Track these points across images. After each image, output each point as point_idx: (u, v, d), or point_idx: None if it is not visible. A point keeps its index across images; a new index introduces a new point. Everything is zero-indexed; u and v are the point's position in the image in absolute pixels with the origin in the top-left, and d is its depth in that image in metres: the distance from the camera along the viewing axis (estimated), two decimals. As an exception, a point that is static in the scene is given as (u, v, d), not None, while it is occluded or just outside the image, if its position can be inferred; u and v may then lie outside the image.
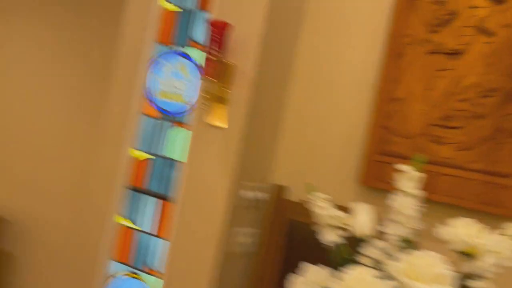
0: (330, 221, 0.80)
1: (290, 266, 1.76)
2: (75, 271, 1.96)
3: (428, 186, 1.53)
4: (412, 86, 1.63)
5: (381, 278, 0.65)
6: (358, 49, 1.79)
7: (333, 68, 1.84)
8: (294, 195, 1.87)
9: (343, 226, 0.80)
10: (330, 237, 0.77)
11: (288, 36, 1.84)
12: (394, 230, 0.75)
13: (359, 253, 0.72)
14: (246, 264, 1.85)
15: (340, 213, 0.82)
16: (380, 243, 0.74)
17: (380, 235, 0.77)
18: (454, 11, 1.56)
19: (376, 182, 1.67)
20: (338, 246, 0.78)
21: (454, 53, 1.55)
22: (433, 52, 1.59)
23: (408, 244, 0.76)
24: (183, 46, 1.87)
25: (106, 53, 2.61)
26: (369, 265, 0.70)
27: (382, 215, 1.45)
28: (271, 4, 1.66)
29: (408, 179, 0.77)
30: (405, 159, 1.59)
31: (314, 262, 1.73)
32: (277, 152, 1.92)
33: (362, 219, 0.76)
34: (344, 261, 0.75)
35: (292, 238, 1.79)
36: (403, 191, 0.76)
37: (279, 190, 1.86)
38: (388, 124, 1.65)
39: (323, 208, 0.81)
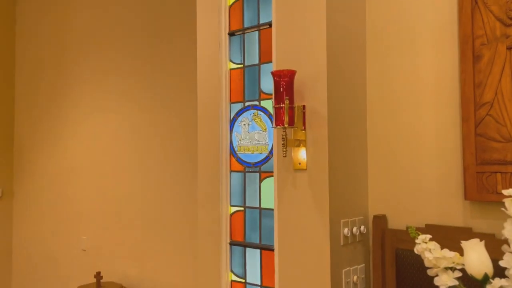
0: (440, 263, 0.75)
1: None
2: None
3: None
4: (499, 86, 1.50)
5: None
6: (430, 61, 1.72)
7: (409, 85, 1.78)
8: (395, 223, 1.79)
9: (456, 266, 0.75)
10: (444, 281, 0.72)
11: (354, 65, 1.83)
12: (516, 263, 0.68)
13: None
14: (361, 303, 1.78)
15: (451, 254, 0.76)
16: (499, 282, 0.67)
17: (498, 270, 0.70)
18: (528, -3, 1.44)
19: (483, 195, 1.54)
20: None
21: (539, 41, 1.42)
22: (514, 46, 1.47)
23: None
24: (255, 100, 1.95)
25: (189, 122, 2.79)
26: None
27: (499, 231, 1.32)
28: (330, 39, 1.67)
29: (518, 203, 0.70)
30: (511, 164, 1.46)
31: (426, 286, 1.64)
32: (370, 182, 1.86)
33: (474, 256, 0.70)
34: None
35: (401, 266, 1.70)
36: (515, 218, 0.70)
37: (379, 221, 1.80)
38: (484, 131, 1.53)
39: (431, 250, 0.76)
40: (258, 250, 1.91)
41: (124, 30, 3.25)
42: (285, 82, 1.61)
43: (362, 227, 1.79)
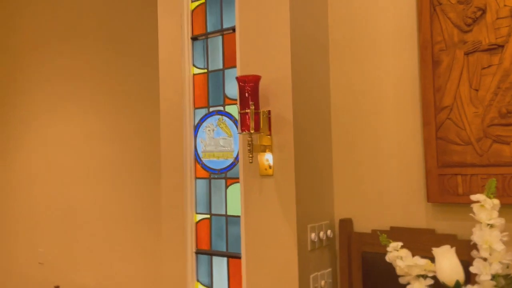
0: (412, 271, 0.75)
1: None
2: None
3: (501, 190, 1.44)
4: (458, 91, 1.55)
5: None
6: (391, 66, 1.75)
7: (371, 90, 1.80)
8: (361, 226, 1.80)
9: (428, 274, 0.75)
10: (416, 289, 0.72)
11: (318, 70, 1.83)
12: (484, 269, 0.68)
13: None
14: (329, 308, 1.78)
15: (422, 261, 0.76)
16: (472, 288, 0.68)
17: (468, 277, 0.70)
18: (483, 6, 1.49)
19: (444, 197, 1.58)
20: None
21: (495, 48, 1.47)
22: (472, 52, 1.52)
23: (505, 279, 0.69)
24: (220, 105, 1.91)
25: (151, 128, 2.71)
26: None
27: (461, 232, 1.35)
28: (293, 44, 1.66)
29: (486, 209, 0.71)
30: (471, 166, 1.50)
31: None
32: (335, 186, 1.87)
33: (446, 264, 0.70)
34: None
35: (367, 270, 1.72)
36: (483, 224, 0.70)
37: (345, 224, 1.81)
38: (444, 134, 1.56)
39: (402, 258, 0.76)
40: (225, 258, 1.88)
41: (81, 32, 3.13)
42: (250, 88, 1.59)
43: (329, 232, 1.79)
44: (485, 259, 0.69)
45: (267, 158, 1.70)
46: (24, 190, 3.42)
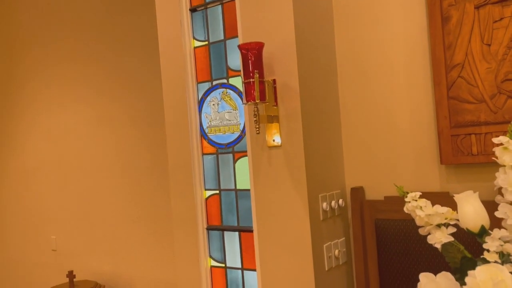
0: (433, 220, 0.71)
1: (387, 267, 1.68)
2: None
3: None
4: (469, 47, 1.49)
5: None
6: (399, 26, 1.69)
7: (379, 53, 1.74)
8: (373, 194, 1.77)
9: (450, 222, 0.71)
10: (438, 238, 0.69)
11: (322, 35, 1.77)
12: (511, 213, 0.65)
13: (477, 249, 0.63)
14: (345, 275, 1.77)
15: (443, 209, 0.73)
16: (499, 233, 0.64)
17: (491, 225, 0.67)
18: (493, -46, 1.42)
19: (458, 158, 1.54)
20: (448, 245, 0.69)
21: (507, -1, 1.41)
22: (482, 5, 1.45)
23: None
24: (223, 78, 1.87)
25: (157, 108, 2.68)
26: (496, 261, 0.61)
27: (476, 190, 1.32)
28: (296, 9, 1.61)
29: (510, 151, 0.67)
30: (485, 125, 1.45)
31: (409, 257, 1.65)
32: (345, 154, 1.83)
33: (469, 209, 0.67)
34: (464, 261, 0.65)
35: (381, 237, 1.70)
36: (508, 166, 0.66)
37: (357, 193, 1.78)
38: (456, 93, 1.51)
39: (422, 208, 0.73)
40: (237, 233, 1.86)
41: (79, 12, 3.07)
42: (253, 55, 1.54)
43: (340, 201, 1.76)
44: (511, 203, 0.65)
45: (275, 129, 1.67)
46: (35, 177, 3.42)
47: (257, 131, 1.60)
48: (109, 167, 2.95)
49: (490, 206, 0.79)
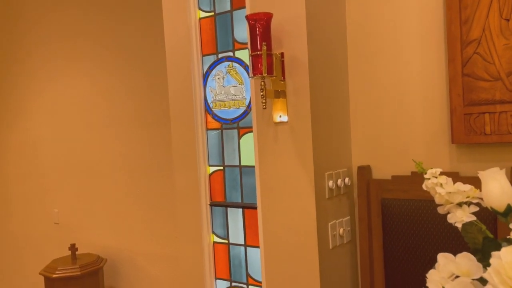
0: (454, 198, 0.68)
1: (392, 247, 1.66)
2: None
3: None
4: (487, 21, 1.43)
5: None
6: (414, 0, 1.62)
7: (391, 27, 1.68)
8: (380, 173, 1.74)
9: (472, 201, 0.68)
10: (459, 217, 0.65)
11: (333, 8, 1.71)
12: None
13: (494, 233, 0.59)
14: (349, 254, 1.75)
15: (465, 187, 0.69)
16: (526, 212, 0.61)
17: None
18: None
19: (470, 138, 1.49)
20: (468, 224, 0.66)
21: (530, -31, 1.34)
22: (504, -24, 1.38)
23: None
24: (229, 51, 1.81)
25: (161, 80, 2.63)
26: (523, 241, 0.58)
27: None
28: (306, -20, 1.54)
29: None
30: (500, 103, 1.41)
31: (415, 238, 1.63)
32: (353, 132, 1.79)
33: (495, 186, 0.63)
34: (486, 242, 0.62)
35: (387, 216, 1.67)
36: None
37: (364, 171, 1.74)
38: (471, 70, 1.46)
39: (442, 185, 0.69)
40: (240, 210, 1.84)
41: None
42: (261, 26, 1.48)
43: (347, 179, 1.73)
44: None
45: (282, 104, 1.62)
46: (38, 151, 3.40)
47: (264, 106, 1.55)
48: (111, 141, 2.92)
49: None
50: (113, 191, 2.93)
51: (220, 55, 1.83)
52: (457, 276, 0.58)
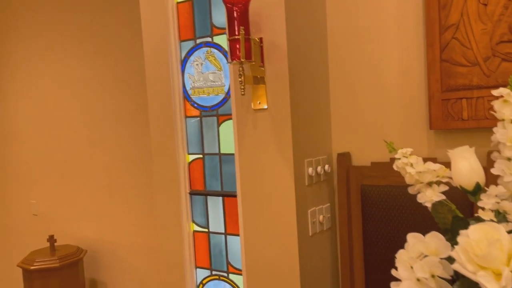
0: (424, 178, 0.67)
1: (371, 233, 1.67)
2: (166, 287, 1.96)
3: None
4: (465, 6, 1.42)
5: (511, 231, 0.52)
6: (392, -16, 1.61)
7: (371, 12, 1.67)
8: (360, 160, 1.73)
9: (441, 180, 0.67)
10: (429, 196, 0.65)
11: (311, -7, 1.68)
12: (509, 170, 0.60)
13: (469, 209, 0.59)
14: (329, 241, 1.75)
15: (435, 166, 0.68)
16: (495, 189, 0.60)
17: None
18: None
19: (448, 123, 1.50)
20: (438, 204, 0.65)
21: (507, -47, 1.33)
22: (481, -40, 1.38)
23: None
24: (207, 36, 1.77)
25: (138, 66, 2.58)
26: (491, 219, 0.57)
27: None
28: (285, -36, 1.51)
29: (510, 103, 0.62)
30: (477, 88, 1.41)
31: (393, 223, 1.64)
32: (333, 119, 1.78)
33: (465, 165, 0.62)
34: (455, 221, 0.62)
35: (366, 203, 1.68)
36: (507, 120, 0.62)
37: (343, 158, 1.74)
38: (449, 55, 1.46)
39: (412, 165, 0.68)
40: (220, 198, 1.82)
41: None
42: (239, 10, 1.45)
43: (327, 166, 1.72)
44: (509, 159, 0.61)
45: (261, 90, 1.60)
46: (15, 141, 3.32)
47: (242, 93, 1.53)
48: (90, 132, 2.86)
49: (490, 175, 0.74)
50: (92, 182, 2.88)
51: (198, 41, 1.79)
52: (426, 256, 0.57)
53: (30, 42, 3.16)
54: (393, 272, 0.59)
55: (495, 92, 0.63)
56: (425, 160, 1.64)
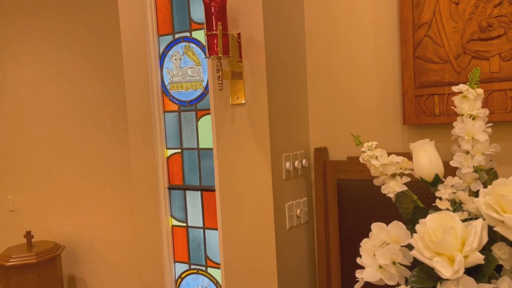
0: (388, 170, 0.69)
1: (347, 226, 1.70)
2: (145, 282, 1.96)
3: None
4: (437, 5, 1.46)
5: (466, 220, 0.55)
6: (368, -18, 1.63)
7: (348, 9, 1.69)
8: (336, 154, 1.77)
9: (404, 172, 0.70)
10: (392, 187, 0.67)
11: (289, -11, 1.70)
12: (466, 162, 0.63)
13: (430, 198, 0.61)
14: (306, 234, 1.78)
15: (398, 158, 0.71)
16: (452, 180, 0.63)
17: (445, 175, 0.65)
18: None
19: (420, 119, 1.54)
20: (402, 195, 0.67)
21: (476, -46, 1.37)
22: (453, -40, 1.41)
23: (487, 174, 0.64)
24: (186, 31, 1.77)
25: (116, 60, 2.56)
26: (447, 208, 0.60)
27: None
28: (263, -40, 1.52)
29: (469, 99, 0.65)
30: (449, 85, 1.45)
31: (368, 216, 1.68)
32: (310, 114, 1.81)
33: (424, 157, 0.65)
34: (416, 211, 0.64)
35: (343, 197, 1.71)
36: (466, 115, 0.65)
37: (320, 153, 1.77)
38: (422, 53, 1.49)
39: (377, 157, 0.70)
40: (199, 192, 1.83)
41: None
42: (216, 5, 1.46)
43: (304, 161, 1.75)
44: (467, 152, 0.64)
45: (238, 86, 1.61)
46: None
47: (220, 87, 1.54)
48: (67, 125, 2.83)
49: (451, 167, 0.78)
50: (70, 177, 2.85)
51: (176, 36, 1.79)
52: (388, 244, 0.59)
53: (3, 42, 3.09)
54: (358, 260, 0.61)
55: (455, 88, 0.66)
56: (399, 154, 1.68)
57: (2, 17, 3.07)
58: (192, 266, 1.87)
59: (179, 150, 1.86)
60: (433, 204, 0.62)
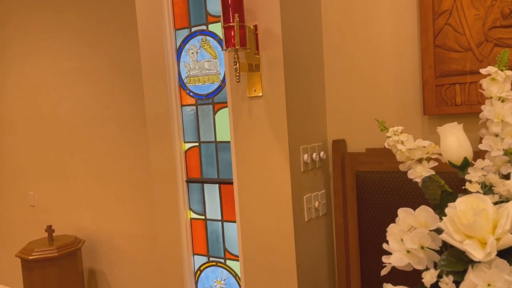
0: (414, 154, 0.68)
1: (366, 219, 1.69)
2: (164, 275, 1.98)
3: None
4: (458, -8, 1.43)
5: (497, 203, 0.54)
6: (386, -29, 1.61)
7: (366, 0, 1.67)
8: (355, 146, 1.75)
9: (431, 156, 0.69)
10: (419, 172, 0.66)
11: (306, -20, 1.69)
12: (496, 145, 0.62)
13: (459, 182, 0.60)
14: (324, 226, 1.78)
15: (425, 142, 0.70)
16: (482, 163, 0.62)
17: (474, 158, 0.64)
18: None
19: (441, 109, 1.52)
20: (428, 181, 0.66)
21: None
22: None
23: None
24: (202, 24, 1.78)
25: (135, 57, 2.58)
26: (477, 191, 0.59)
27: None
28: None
29: (498, 81, 0.63)
30: (470, 74, 1.42)
31: (388, 209, 1.66)
32: (328, 106, 1.80)
33: (453, 140, 0.64)
34: (444, 196, 0.63)
35: (361, 189, 1.69)
36: (494, 98, 0.63)
37: (339, 145, 1.75)
38: (443, 41, 1.47)
39: (403, 142, 0.69)
40: (217, 185, 1.84)
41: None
42: (234, -3, 1.45)
43: (322, 153, 1.74)
44: (496, 135, 0.62)
45: (256, 78, 1.60)
46: (11, 131, 3.32)
47: (237, 80, 1.54)
48: (87, 120, 2.86)
49: (476, 154, 0.76)
50: (89, 172, 2.89)
51: (193, 29, 1.80)
52: (415, 229, 0.58)
53: (23, 37, 3.14)
54: (384, 245, 0.60)
55: (483, 71, 0.65)
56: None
57: (24, 12, 3.12)
58: (211, 259, 1.88)
59: (197, 144, 1.87)
60: (463, 187, 0.61)
